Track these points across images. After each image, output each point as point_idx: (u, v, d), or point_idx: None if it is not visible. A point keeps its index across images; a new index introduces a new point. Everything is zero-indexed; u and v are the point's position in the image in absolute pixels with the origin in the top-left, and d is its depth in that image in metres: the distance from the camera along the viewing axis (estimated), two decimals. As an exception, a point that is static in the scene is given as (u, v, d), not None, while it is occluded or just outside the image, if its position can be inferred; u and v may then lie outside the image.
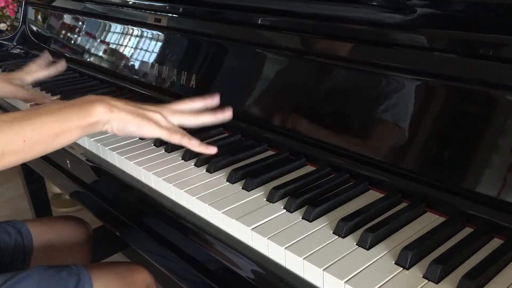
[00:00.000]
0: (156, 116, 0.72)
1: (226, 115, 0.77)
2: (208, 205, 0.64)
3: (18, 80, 1.06)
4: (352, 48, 0.72)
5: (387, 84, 0.66)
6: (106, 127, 0.70)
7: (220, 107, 0.88)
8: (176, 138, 0.73)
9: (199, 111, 0.77)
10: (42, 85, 1.21)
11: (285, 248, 0.54)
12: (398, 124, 0.65)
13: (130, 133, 0.72)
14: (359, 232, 0.56)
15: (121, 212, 0.82)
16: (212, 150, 0.75)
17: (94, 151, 0.87)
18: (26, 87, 1.06)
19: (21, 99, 1.06)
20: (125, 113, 0.70)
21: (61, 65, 1.10)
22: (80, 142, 0.91)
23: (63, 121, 0.66)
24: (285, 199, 0.63)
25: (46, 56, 1.12)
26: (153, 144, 0.83)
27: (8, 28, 1.96)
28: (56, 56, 1.43)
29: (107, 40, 1.24)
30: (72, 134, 0.67)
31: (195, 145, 0.74)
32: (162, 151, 0.81)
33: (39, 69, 1.09)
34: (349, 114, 0.71)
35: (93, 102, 0.68)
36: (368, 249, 0.54)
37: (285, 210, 0.62)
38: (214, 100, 0.79)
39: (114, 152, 0.81)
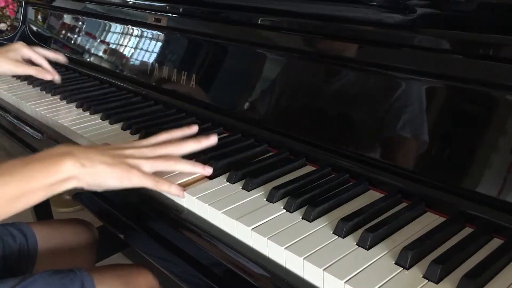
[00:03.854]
0: (137, 161, 0.64)
1: (211, 140, 0.71)
2: (208, 205, 0.64)
3: (13, 53, 1.01)
4: (352, 48, 0.72)
5: (386, 84, 0.66)
6: (81, 184, 0.60)
7: (220, 108, 0.88)
8: (164, 187, 0.66)
9: (181, 139, 0.70)
10: (42, 85, 1.21)
11: (285, 248, 0.54)
12: (397, 124, 0.64)
13: (110, 187, 0.63)
14: (359, 232, 0.56)
15: (122, 213, 0.82)
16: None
17: (94, 151, 0.87)
18: (23, 61, 1.03)
19: (21, 74, 1.04)
20: (101, 166, 0.61)
21: (56, 77, 1.07)
22: (80, 142, 0.91)
23: (25, 181, 0.56)
24: (285, 199, 0.63)
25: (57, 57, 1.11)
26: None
27: (8, 28, 1.97)
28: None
29: (107, 40, 1.24)
30: (35, 196, 0.58)
31: (182, 194, 0.67)
32: (162, 151, 0.81)
33: (40, 53, 1.07)
34: (349, 114, 0.71)
35: (62, 156, 0.59)
36: (368, 249, 0.54)
37: (285, 210, 0.62)
38: (192, 129, 0.73)
39: (114, 152, 0.81)
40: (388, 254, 0.53)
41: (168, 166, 0.67)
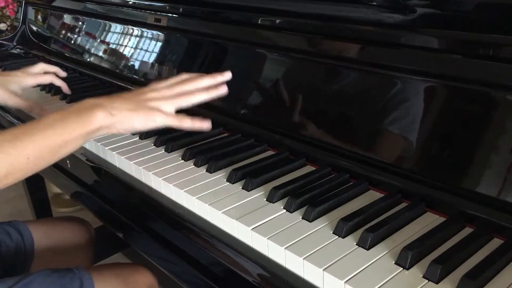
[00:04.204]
0: (158, 103, 0.70)
1: (221, 90, 0.73)
2: (208, 205, 0.64)
3: (15, 85, 0.97)
4: (352, 48, 0.72)
5: (386, 84, 0.66)
6: (112, 131, 0.68)
7: (220, 108, 0.88)
8: (187, 123, 0.71)
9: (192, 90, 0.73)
10: (43, 85, 1.20)
11: (285, 248, 0.54)
12: (397, 124, 0.64)
13: (137, 129, 0.70)
14: (359, 232, 0.56)
15: (122, 213, 0.82)
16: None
17: (94, 151, 0.87)
18: (22, 92, 0.98)
19: (12, 107, 0.99)
20: (126, 112, 0.67)
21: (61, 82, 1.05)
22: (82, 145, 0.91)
23: (65, 132, 0.64)
24: (285, 199, 0.63)
25: (55, 70, 1.07)
26: (153, 144, 0.83)
27: (8, 28, 1.97)
28: (56, 56, 1.43)
29: (107, 40, 1.24)
30: (74, 143, 0.65)
31: (208, 126, 0.72)
32: (162, 151, 0.81)
33: (40, 74, 1.03)
34: (349, 114, 0.71)
35: (92, 109, 0.66)
36: (368, 249, 0.54)
37: (285, 210, 0.62)
38: (226, 75, 0.75)
39: (114, 152, 0.81)
40: (388, 254, 0.53)
41: (188, 101, 0.72)
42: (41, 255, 0.97)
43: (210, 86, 0.74)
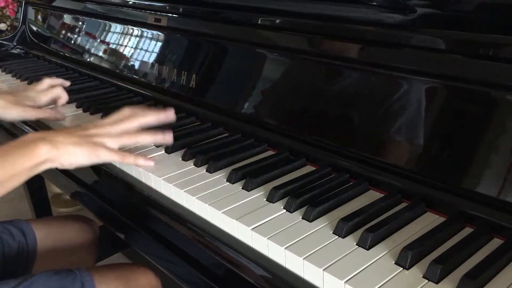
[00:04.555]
0: (103, 140, 0.71)
1: (167, 138, 0.77)
2: (208, 205, 0.64)
3: (30, 101, 0.93)
4: (352, 48, 0.72)
5: (386, 84, 0.66)
6: (55, 164, 0.68)
7: (220, 108, 0.88)
8: (130, 160, 0.74)
9: (138, 130, 0.75)
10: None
11: (285, 248, 0.54)
12: (397, 124, 0.65)
13: (81, 164, 0.71)
14: (359, 232, 0.56)
15: (122, 213, 0.82)
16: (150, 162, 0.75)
17: (94, 151, 0.87)
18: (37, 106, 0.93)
19: (31, 119, 0.95)
20: (71, 146, 0.68)
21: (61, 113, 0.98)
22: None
23: (9, 166, 0.64)
24: (285, 199, 0.63)
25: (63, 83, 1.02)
26: (153, 144, 0.83)
27: (8, 28, 1.97)
28: (56, 56, 1.43)
29: (107, 40, 1.24)
30: (19, 178, 0.66)
31: (150, 163, 0.75)
32: (162, 151, 0.81)
33: (49, 90, 0.97)
34: (349, 114, 0.71)
35: (36, 142, 0.66)
36: (368, 249, 0.54)
37: (285, 210, 0.62)
38: (169, 116, 0.77)
39: (114, 152, 0.81)
40: (388, 254, 0.53)
41: (132, 140, 0.74)
42: (44, 255, 0.96)
43: (156, 127, 0.76)
